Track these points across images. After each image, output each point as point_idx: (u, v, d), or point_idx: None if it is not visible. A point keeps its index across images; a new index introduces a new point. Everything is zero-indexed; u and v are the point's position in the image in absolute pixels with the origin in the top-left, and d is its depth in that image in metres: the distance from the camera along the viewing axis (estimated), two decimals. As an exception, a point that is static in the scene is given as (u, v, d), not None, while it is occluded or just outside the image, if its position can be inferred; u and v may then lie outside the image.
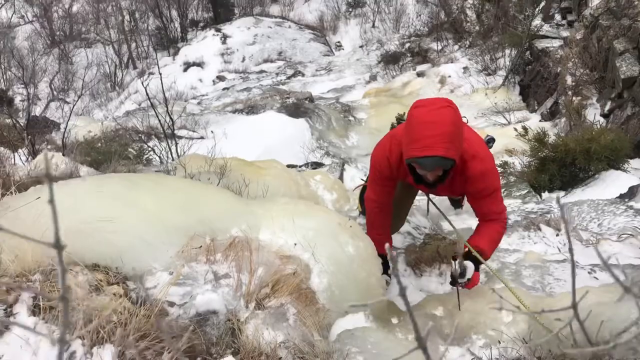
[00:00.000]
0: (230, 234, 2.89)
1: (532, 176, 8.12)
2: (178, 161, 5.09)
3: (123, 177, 3.07)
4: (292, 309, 2.59)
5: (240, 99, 13.57)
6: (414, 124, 3.00)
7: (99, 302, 2.22)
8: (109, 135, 9.31)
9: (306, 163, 9.94)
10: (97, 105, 19.06)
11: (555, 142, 7.92)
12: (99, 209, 2.68)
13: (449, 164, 3.04)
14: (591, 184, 7.53)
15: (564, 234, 5.02)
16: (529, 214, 6.05)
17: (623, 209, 5.85)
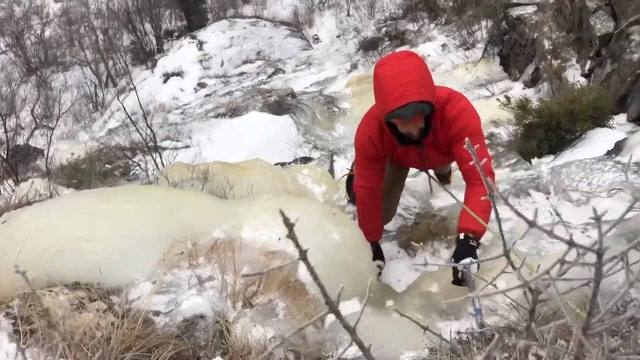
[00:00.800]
0: (212, 236, 2.85)
1: (520, 144, 8.10)
2: (160, 172, 5.04)
3: (98, 192, 3.03)
4: (281, 304, 2.56)
5: (222, 103, 13.52)
6: (381, 81, 2.96)
7: (81, 320, 2.19)
8: (94, 156, 9.26)
9: (295, 159, 9.91)
10: (82, 127, 18.95)
11: (539, 107, 7.89)
12: (76, 226, 2.64)
13: (428, 108, 2.98)
14: (579, 145, 7.51)
15: (553, 196, 5.01)
16: (518, 182, 6.03)
17: (611, 165, 5.84)
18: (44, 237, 2.49)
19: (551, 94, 10.41)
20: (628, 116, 8.66)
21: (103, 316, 2.25)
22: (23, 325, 2.05)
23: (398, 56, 3.02)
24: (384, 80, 2.92)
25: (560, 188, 5.15)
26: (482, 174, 1.26)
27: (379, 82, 2.96)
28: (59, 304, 2.23)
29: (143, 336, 2.11)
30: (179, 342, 2.10)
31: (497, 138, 8.53)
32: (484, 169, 3.34)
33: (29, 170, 9.58)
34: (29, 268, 2.32)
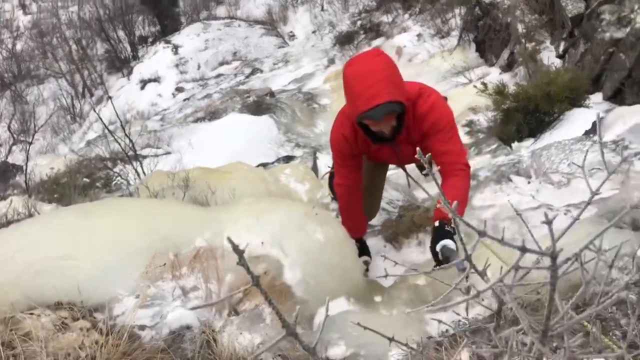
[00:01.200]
0: (194, 246, 2.83)
1: (500, 129, 8.15)
2: (140, 182, 5.00)
3: (76, 208, 3.00)
4: (268, 309, 2.55)
5: (201, 107, 13.43)
6: (350, 82, 2.95)
7: (65, 340, 2.16)
8: (74, 169, 9.16)
9: (277, 159, 9.88)
10: (61, 140, 18.73)
11: (516, 91, 7.94)
12: (55, 244, 2.61)
13: (399, 108, 2.97)
14: (557, 126, 7.58)
15: (534, 180, 5.04)
16: (499, 168, 6.06)
17: (589, 145, 5.89)
18: (22, 257, 2.46)
19: (527, 77, 10.47)
20: (603, 95, 8.74)
21: (87, 335, 2.22)
22: (5, 351, 2.01)
23: (365, 56, 3.00)
24: (352, 81, 2.92)
25: (540, 171, 5.19)
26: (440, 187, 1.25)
27: (348, 83, 2.96)
28: (40, 325, 2.20)
29: (129, 352, 2.09)
30: (165, 356, 2.08)
31: (476, 125, 8.57)
32: (459, 161, 3.30)
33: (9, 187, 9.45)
34: (9, 290, 2.30)
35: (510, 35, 12.26)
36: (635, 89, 7.84)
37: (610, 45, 8.64)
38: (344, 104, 3.60)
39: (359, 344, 2.36)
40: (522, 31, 11.60)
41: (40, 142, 18.13)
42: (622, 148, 5.69)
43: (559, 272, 1.12)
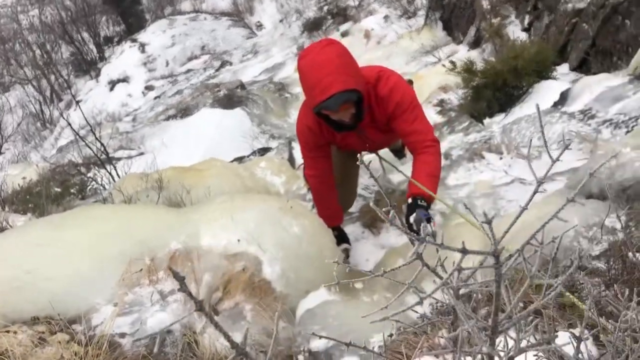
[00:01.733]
0: (169, 249, 2.82)
1: (470, 106, 8.20)
2: (113, 186, 4.95)
3: (48, 220, 2.96)
4: (248, 305, 2.55)
5: (172, 104, 13.29)
6: (305, 74, 2.97)
7: (44, 355, 2.14)
8: (47, 177, 9.02)
9: (253, 151, 9.82)
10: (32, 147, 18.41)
11: (484, 68, 7.99)
12: (29, 259, 2.58)
13: (354, 96, 2.98)
14: (527, 99, 7.65)
15: (506, 156, 5.10)
16: (472, 145, 6.11)
17: (558, 116, 5.97)
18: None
19: (495, 53, 10.55)
20: (570, 65, 8.84)
21: (66, 347, 2.20)
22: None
23: (317, 46, 3.01)
24: (306, 73, 2.95)
25: (512, 146, 5.25)
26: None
27: (303, 75, 2.99)
28: (17, 342, 2.17)
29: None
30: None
31: (447, 104, 8.62)
32: (427, 138, 3.29)
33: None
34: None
35: (475, 12, 12.32)
36: (600, 58, 7.95)
37: (574, 16, 8.73)
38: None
39: (341, 334, 2.38)
40: (487, 7, 11.66)
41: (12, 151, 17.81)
42: (589, 117, 5.80)
43: (504, 269, 1.14)
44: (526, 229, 2.78)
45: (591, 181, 3.15)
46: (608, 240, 2.30)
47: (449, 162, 5.41)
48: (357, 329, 2.40)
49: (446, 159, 5.56)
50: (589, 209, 2.51)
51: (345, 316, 2.49)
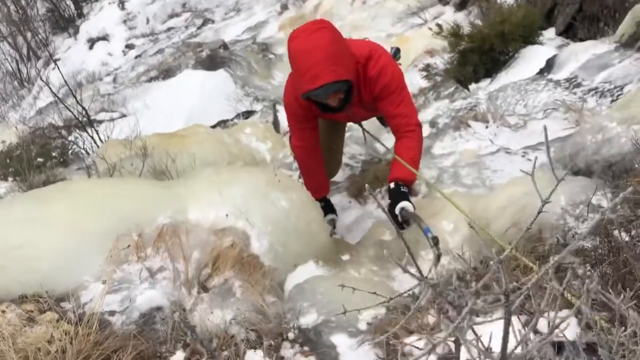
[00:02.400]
0: (157, 224, 2.80)
1: (456, 71, 8.16)
2: (96, 154, 4.88)
3: (30, 195, 2.91)
4: (237, 282, 2.56)
5: (153, 65, 13.03)
6: (294, 58, 2.92)
7: (33, 334, 2.14)
8: (27, 140, 8.85)
9: (237, 114, 9.71)
10: (10, 107, 18.02)
11: (471, 32, 7.92)
12: (14, 237, 2.55)
13: (345, 86, 2.96)
14: (513, 65, 7.63)
15: (492, 125, 5.11)
16: (457, 113, 6.11)
17: (544, 84, 5.98)
18: (-19, 254, 2.40)
19: (481, 16, 10.44)
20: (556, 30, 8.79)
21: (56, 326, 2.20)
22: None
23: (308, 29, 2.91)
24: (295, 57, 2.89)
25: (497, 115, 5.25)
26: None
27: (292, 59, 2.93)
28: (7, 322, 2.17)
29: (101, 341, 2.08)
30: (137, 343, 2.09)
31: (433, 68, 8.54)
32: (410, 122, 3.27)
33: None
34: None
35: (462, -28, 12.13)
36: (587, 23, 7.91)
37: (561, -21, 8.64)
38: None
39: (329, 311, 2.40)
40: (474, -33, 11.48)
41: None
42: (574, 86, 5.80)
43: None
44: (513, 205, 2.83)
45: (577, 155, 3.18)
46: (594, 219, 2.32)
47: (435, 131, 5.41)
48: (347, 305, 2.42)
49: (432, 127, 5.56)
50: (576, 187, 2.53)
51: (334, 292, 2.50)
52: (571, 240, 2.25)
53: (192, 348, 2.10)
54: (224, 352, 2.11)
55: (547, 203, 1.14)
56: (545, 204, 1.14)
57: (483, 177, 4.35)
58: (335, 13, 14.47)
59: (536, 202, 2.70)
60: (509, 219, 2.66)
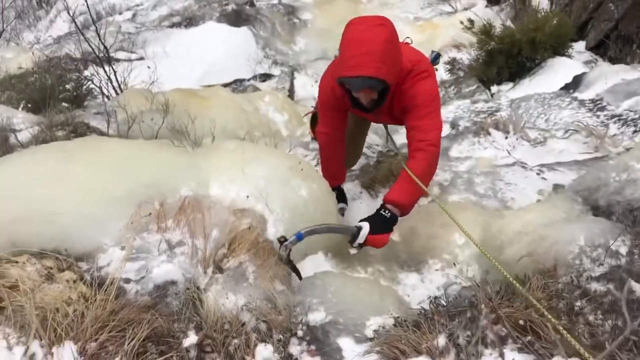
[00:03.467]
0: (179, 195, 2.82)
1: (481, 70, 8.12)
2: (117, 102, 4.86)
3: (55, 148, 2.91)
4: (251, 267, 2.60)
5: (177, 10, 12.84)
6: (344, 42, 2.87)
7: (52, 292, 2.18)
8: (42, 67, 8.79)
9: (254, 75, 9.66)
10: (26, 26, 17.77)
11: (502, 33, 7.86)
12: (37, 190, 2.56)
13: (380, 86, 2.89)
14: (538, 73, 7.60)
15: (512, 136, 5.11)
16: (478, 115, 6.10)
17: (568, 101, 5.96)
18: (6, 204, 2.42)
19: (514, 15, 10.34)
20: (587, 44, 8.72)
21: (74, 287, 2.24)
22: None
23: (370, 21, 2.86)
24: (346, 42, 2.84)
25: (518, 126, 5.24)
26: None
27: (343, 42, 2.87)
28: (27, 276, 2.21)
29: (117, 310, 2.13)
30: (152, 318, 2.13)
31: (458, 63, 8.50)
32: (427, 138, 3.17)
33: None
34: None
35: (502, -33, 11.94)
36: (620, 44, 7.84)
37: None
38: (331, 19, 3.53)
39: (338, 311, 2.46)
40: (515, -36, 11.30)
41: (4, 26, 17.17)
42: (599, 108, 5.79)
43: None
44: (528, 234, 2.86)
45: (598, 191, 3.20)
46: (610, 264, 2.37)
47: (455, 133, 5.41)
48: (354, 309, 2.48)
49: (453, 128, 5.55)
50: (595, 228, 2.56)
51: (344, 294, 2.56)
52: (584, 283, 2.29)
53: (205, 333, 2.15)
54: (235, 340, 2.16)
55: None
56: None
57: (496, 188, 4.37)
58: (367, -14, 14.27)
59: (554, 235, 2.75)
60: (524, 247, 2.70)
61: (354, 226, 3.06)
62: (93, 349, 1.97)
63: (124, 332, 2.04)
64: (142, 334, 2.02)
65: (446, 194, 4.35)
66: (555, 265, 2.47)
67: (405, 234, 3.60)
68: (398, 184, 3.16)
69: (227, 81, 9.22)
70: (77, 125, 4.41)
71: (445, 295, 2.70)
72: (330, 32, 10.17)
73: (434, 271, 3.22)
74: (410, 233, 3.56)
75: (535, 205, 3.42)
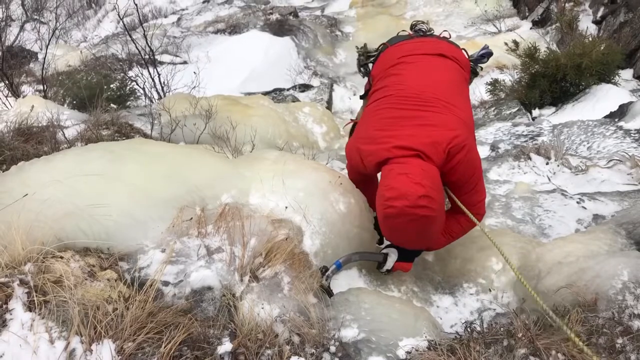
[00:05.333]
0: (220, 201, 2.86)
1: (523, 93, 8.04)
2: (162, 105, 4.96)
3: (104, 148, 2.98)
4: (287, 278, 2.61)
5: (222, 17, 13.05)
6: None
7: (93, 290, 2.23)
8: (90, 65, 9.03)
9: (294, 86, 9.73)
10: (75, 24, 18.32)
11: (547, 57, 7.77)
12: (84, 189, 2.63)
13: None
14: (581, 99, 7.48)
15: (553, 162, 5.04)
16: (518, 138, 6.04)
17: (612, 130, 5.85)
18: (55, 202, 2.49)
19: (559, 39, 10.21)
20: (634, 72, 8.57)
21: (115, 286, 2.29)
22: (38, 296, 2.08)
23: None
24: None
25: (560, 153, 5.16)
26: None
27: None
28: (70, 272, 2.26)
29: (154, 312, 2.16)
30: (188, 323, 2.16)
31: (500, 84, 8.42)
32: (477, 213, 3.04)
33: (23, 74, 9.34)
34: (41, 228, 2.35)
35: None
36: (668, 74, 7.68)
37: (653, 22, 8.38)
38: (372, 33, 3.42)
39: (371, 330, 2.45)
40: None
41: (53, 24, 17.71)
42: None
43: None
44: (571, 265, 2.81)
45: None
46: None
47: (494, 155, 5.36)
48: (388, 328, 2.47)
49: (492, 150, 5.51)
50: (639, 264, 2.50)
51: (377, 313, 2.55)
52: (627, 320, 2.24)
53: (239, 341, 2.16)
54: (268, 351, 2.17)
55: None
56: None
57: (534, 214, 4.31)
58: (410, 2, 14.29)
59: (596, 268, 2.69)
60: (564, 279, 2.65)
61: (382, 252, 3.17)
62: (131, 349, 2.00)
63: (161, 335, 2.07)
64: (179, 338, 2.05)
65: (488, 217, 4.31)
66: (596, 299, 2.41)
67: (440, 255, 3.57)
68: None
69: (267, 90, 9.32)
70: (122, 125, 4.51)
71: (480, 320, 2.67)
72: (371, 46, 10.18)
73: (468, 295, 3.19)
74: (446, 255, 3.53)
75: (577, 235, 3.36)
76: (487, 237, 2.61)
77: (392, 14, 13.21)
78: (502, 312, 2.86)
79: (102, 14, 18.36)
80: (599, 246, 2.94)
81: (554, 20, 11.18)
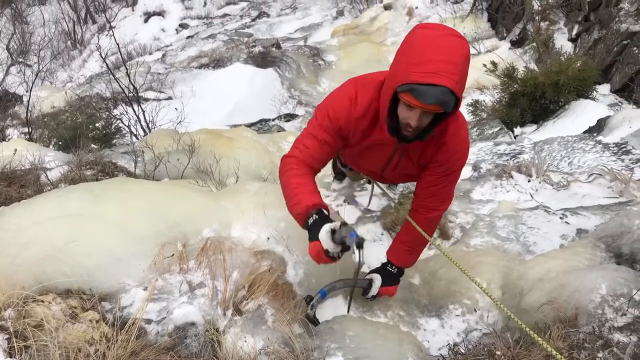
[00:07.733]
0: (202, 236, 2.88)
1: (504, 112, 8.15)
2: (145, 142, 4.99)
3: (84, 188, 3.00)
4: (270, 309, 2.62)
5: (205, 51, 13.21)
6: (418, 45, 2.32)
7: (75, 332, 2.23)
8: (74, 105, 9.09)
9: (279, 115, 9.83)
10: (60, 65, 18.46)
11: (525, 76, 7.90)
12: (64, 230, 2.64)
13: (451, 104, 2.31)
14: (561, 115, 7.59)
15: (535, 179, 5.09)
16: (500, 157, 6.10)
17: (592, 145, 5.93)
18: (35, 244, 2.50)
19: (536, 57, 10.39)
20: (611, 87, 8.71)
21: (96, 327, 2.29)
22: (18, 342, 2.08)
23: (447, 29, 2.38)
24: (423, 45, 2.32)
25: (541, 170, 5.22)
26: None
27: (415, 44, 2.35)
28: (51, 314, 2.26)
29: (137, 351, 2.16)
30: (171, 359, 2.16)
31: (481, 105, 8.54)
32: (438, 208, 3.09)
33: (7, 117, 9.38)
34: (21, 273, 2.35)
35: (524, 11, 12.06)
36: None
37: (626, 37, 8.55)
38: (354, 61, 3.45)
39: (356, 357, 2.45)
40: (537, 8, 11.42)
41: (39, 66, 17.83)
42: (623, 152, 5.75)
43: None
44: (552, 281, 2.83)
45: (621, 238, 3.17)
46: (634, 315, 2.33)
47: (477, 175, 5.41)
48: (373, 355, 2.47)
49: (474, 170, 5.56)
50: (619, 277, 2.53)
51: (363, 339, 2.56)
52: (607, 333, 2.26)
53: (223, 375, 2.17)
54: (252, 384, 2.17)
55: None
56: None
57: (518, 232, 4.34)
58: (390, 28, 14.52)
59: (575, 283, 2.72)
60: (545, 295, 2.67)
61: (366, 279, 3.21)
62: (113, 390, 2.00)
63: (144, 373, 2.07)
64: (162, 377, 2.05)
65: (468, 237, 4.34)
66: (577, 314, 2.44)
67: (426, 278, 3.59)
68: (397, 244, 3.23)
69: (252, 121, 9.40)
70: (106, 164, 4.54)
71: (465, 342, 2.68)
72: (353, 74, 10.28)
73: (454, 317, 3.20)
74: (431, 277, 3.55)
75: (557, 251, 3.39)
76: (455, 264, 2.64)
77: (373, 41, 13.41)
78: (488, 332, 2.88)
79: (87, 54, 18.53)
80: (578, 261, 2.98)
81: (531, 40, 11.40)
